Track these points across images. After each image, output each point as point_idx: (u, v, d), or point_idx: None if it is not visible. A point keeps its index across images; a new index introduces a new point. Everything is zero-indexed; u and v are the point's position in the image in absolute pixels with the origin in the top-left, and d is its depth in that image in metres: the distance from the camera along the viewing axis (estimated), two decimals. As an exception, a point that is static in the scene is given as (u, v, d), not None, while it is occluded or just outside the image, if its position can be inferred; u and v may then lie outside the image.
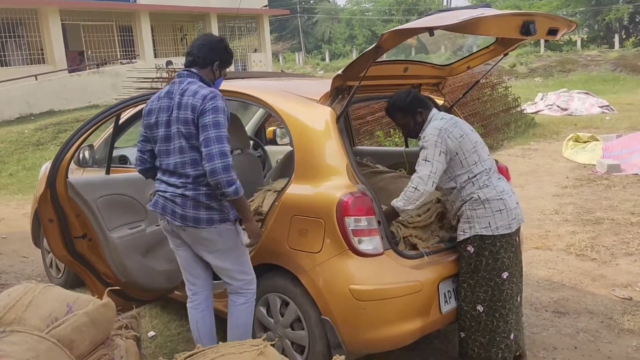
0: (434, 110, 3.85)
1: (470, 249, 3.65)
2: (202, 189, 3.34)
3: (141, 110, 4.94)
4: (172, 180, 3.40)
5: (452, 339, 4.29)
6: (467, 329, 3.71)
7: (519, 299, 3.81)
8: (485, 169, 3.70)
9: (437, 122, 3.71)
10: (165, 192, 3.43)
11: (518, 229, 3.78)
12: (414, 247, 3.79)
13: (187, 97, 3.30)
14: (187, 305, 3.70)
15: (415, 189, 3.57)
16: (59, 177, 3.76)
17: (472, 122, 12.38)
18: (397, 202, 3.61)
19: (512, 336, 3.68)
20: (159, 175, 3.52)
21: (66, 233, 3.90)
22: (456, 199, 3.73)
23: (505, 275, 3.65)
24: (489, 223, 3.62)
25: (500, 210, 3.63)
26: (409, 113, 3.83)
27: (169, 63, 21.60)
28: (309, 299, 3.56)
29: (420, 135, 3.78)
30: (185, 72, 3.46)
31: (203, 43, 3.49)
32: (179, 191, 3.36)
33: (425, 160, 3.61)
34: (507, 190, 3.72)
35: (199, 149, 3.26)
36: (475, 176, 3.65)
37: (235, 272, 3.53)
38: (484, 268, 3.62)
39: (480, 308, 3.65)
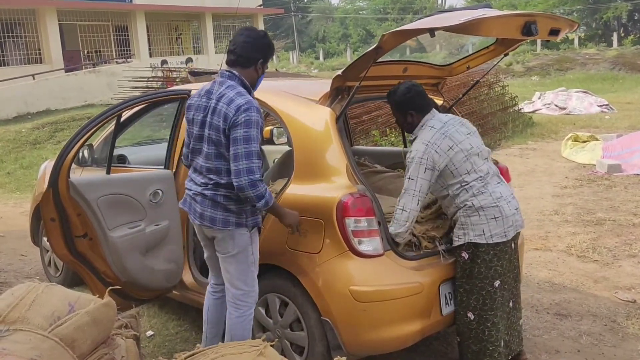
0: (431, 114, 3.73)
1: (465, 255, 3.61)
2: (221, 190, 3.37)
3: (141, 110, 4.98)
4: (197, 179, 3.47)
5: (451, 342, 4.28)
6: (461, 335, 3.71)
7: (511, 303, 3.77)
8: (480, 176, 3.61)
9: (426, 134, 3.63)
10: (190, 190, 3.51)
11: (516, 236, 3.74)
12: (432, 239, 3.78)
13: (222, 104, 3.28)
14: (207, 289, 3.84)
15: (402, 210, 3.56)
16: (61, 177, 3.77)
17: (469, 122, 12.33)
18: (390, 229, 3.59)
19: (502, 343, 3.65)
20: (189, 172, 3.59)
21: (67, 232, 3.92)
22: (450, 205, 3.69)
23: (497, 283, 3.61)
24: (483, 231, 3.56)
25: (495, 217, 3.56)
26: (399, 110, 3.80)
27: (164, 62, 21.85)
28: (308, 299, 3.55)
29: (411, 138, 3.78)
30: (227, 72, 3.40)
31: (246, 40, 3.39)
32: (199, 189, 3.42)
33: (409, 179, 3.58)
34: (505, 196, 3.64)
35: (226, 157, 3.28)
36: (468, 184, 3.59)
37: (235, 279, 3.52)
38: (476, 275, 3.59)
39: (471, 315, 3.62)
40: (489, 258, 3.58)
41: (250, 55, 3.38)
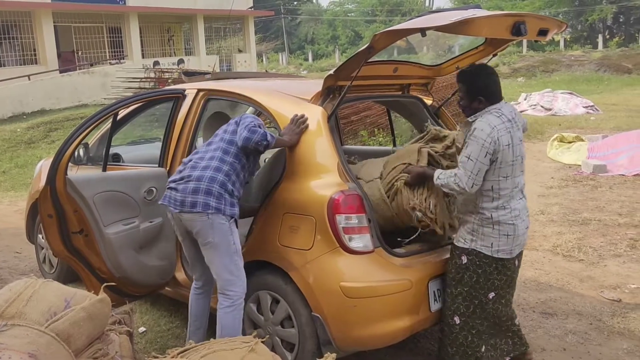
0: (499, 105, 3.51)
1: (464, 259, 3.54)
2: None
3: (136, 109, 5.01)
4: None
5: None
6: (442, 333, 3.69)
7: (504, 313, 3.67)
8: (510, 188, 3.47)
9: (493, 119, 3.42)
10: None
11: (520, 253, 3.66)
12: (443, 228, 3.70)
13: None
14: (191, 286, 3.94)
15: (458, 184, 3.37)
16: (59, 174, 3.82)
17: (456, 122, 12.41)
18: (438, 174, 3.47)
19: (483, 348, 3.61)
20: None
21: (64, 228, 3.97)
22: (467, 203, 3.56)
23: (491, 295, 3.55)
24: (492, 244, 3.47)
25: (507, 235, 3.47)
26: (469, 92, 3.53)
27: (156, 63, 21.99)
28: (299, 296, 3.59)
29: (470, 119, 3.53)
30: None
31: None
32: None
33: (468, 158, 3.37)
34: (521, 214, 3.53)
35: None
36: (498, 190, 3.44)
37: (221, 269, 3.58)
38: (472, 284, 3.53)
39: (457, 320, 3.58)
40: (490, 270, 3.51)
41: None
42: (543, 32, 3.69)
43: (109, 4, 24.72)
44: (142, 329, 4.64)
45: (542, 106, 18.39)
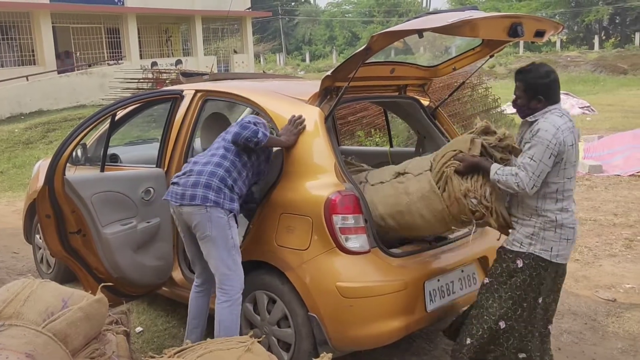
0: (559, 105, 3.38)
1: (519, 262, 3.36)
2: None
3: (134, 110, 5.01)
4: None
5: (434, 339, 4.34)
6: (477, 338, 3.46)
7: (547, 317, 3.54)
8: (572, 189, 3.38)
9: (556, 119, 3.28)
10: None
11: None
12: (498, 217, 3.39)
13: None
14: (193, 285, 3.96)
15: (518, 184, 3.20)
16: (57, 174, 3.83)
17: (452, 123, 12.43)
18: (496, 169, 3.29)
19: (520, 356, 3.44)
20: None
21: (62, 229, 3.98)
22: (527, 206, 3.38)
23: (540, 299, 3.41)
24: (552, 248, 3.33)
25: (567, 239, 3.35)
26: (529, 92, 3.35)
27: (154, 64, 22.03)
28: (296, 297, 3.60)
29: (529, 119, 3.37)
30: None
31: None
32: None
33: (531, 159, 3.21)
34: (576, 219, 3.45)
35: None
36: (562, 192, 3.31)
37: (218, 263, 3.60)
38: (524, 287, 3.37)
39: (502, 324, 3.41)
40: (544, 275, 3.36)
41: None
42: (540, 34, 3.69)
43: (107, 5, 24.81)
44: (139, 328, 4.65)
45: (538, 107, 18.40)
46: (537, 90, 3.33)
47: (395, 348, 4.09)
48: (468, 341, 3.48)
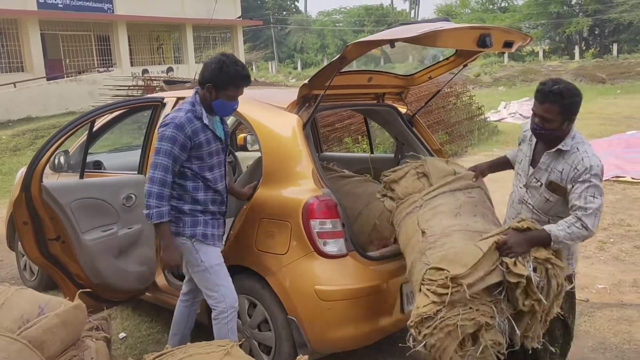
0: (574, 127, 3.20)
1: (568, 286, 3.18)
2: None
3: (116, 117, 5.04)
4: None
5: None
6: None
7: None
8: None
9: (588, 148, 3.11)
10: None
11: None
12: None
13: None
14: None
15: (586, 228, 2.97)
16: (34, 181, 3.82)
17: (436, 130, 12.63)
18: (557, 231, 3.00)
19: None
20: None
21: (40, 235, 3.96)
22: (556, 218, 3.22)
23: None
24: (577, 259, 3.42)
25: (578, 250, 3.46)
26: (565, 114, 3.07)
27: (144, 71, 21.93)
28: (276, 300, 3.66)
29: (562, 148, 3.13)
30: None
31: (205, 62, 3.55)
32: None
33: (594, 197, 2.99)
34: None
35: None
36: None
37: (200, 285, 3.63)
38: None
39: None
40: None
41: (202, 75, 3.49)
42: (508, 44, 3.79)
43: (97, 13, 24.79)
44: (122, 334, 4.67)
45: (520, 114, 18.63)
46: (572, 110, 3.10)
47: (376, 350, 4.13)
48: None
